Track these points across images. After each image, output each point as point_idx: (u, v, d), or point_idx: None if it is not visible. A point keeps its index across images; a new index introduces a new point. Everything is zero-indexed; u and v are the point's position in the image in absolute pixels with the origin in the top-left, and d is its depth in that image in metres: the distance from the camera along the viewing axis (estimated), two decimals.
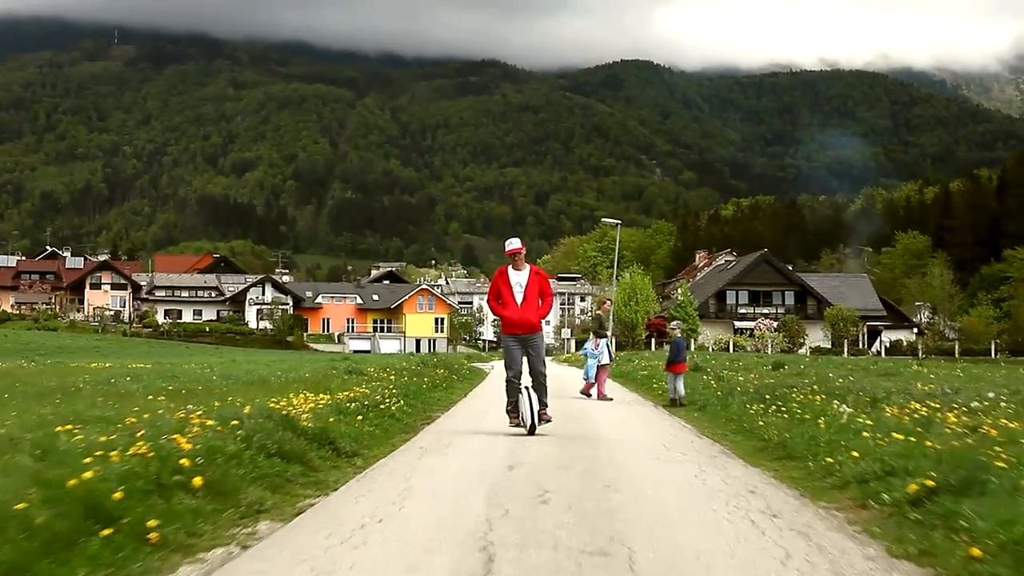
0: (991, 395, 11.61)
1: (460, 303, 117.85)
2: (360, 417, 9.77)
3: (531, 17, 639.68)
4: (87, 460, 5.46)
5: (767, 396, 12.31)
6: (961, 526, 4.66)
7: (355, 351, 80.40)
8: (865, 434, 7.82)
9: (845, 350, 60.42)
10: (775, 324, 63.20)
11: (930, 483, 5.48)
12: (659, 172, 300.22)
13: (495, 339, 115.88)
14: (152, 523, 4.65)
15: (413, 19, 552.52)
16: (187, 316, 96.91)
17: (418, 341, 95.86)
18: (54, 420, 8.75)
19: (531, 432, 9.86)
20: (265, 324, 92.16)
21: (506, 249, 10.71)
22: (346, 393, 12.17)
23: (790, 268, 76.56)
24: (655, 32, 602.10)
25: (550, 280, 11.08)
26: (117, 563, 4.14)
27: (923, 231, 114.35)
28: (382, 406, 11.35)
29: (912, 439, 7.05)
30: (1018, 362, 54.01)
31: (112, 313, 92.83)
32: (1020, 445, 6.53)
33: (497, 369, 30.19)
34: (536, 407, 10.07)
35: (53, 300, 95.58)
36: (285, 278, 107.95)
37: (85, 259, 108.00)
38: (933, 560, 4.42)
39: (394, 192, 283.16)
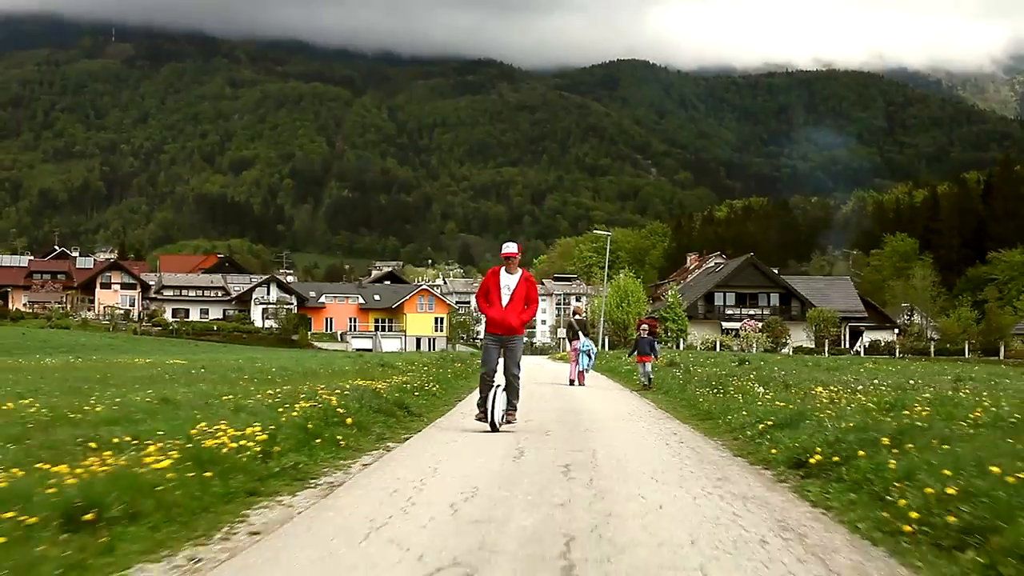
0: (876, 382, 15.81)
1: (457, 303, 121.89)
2: (416, 394, 13.93)
3: (525, 16, 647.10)
4: (289, 407, 9.56)
5: (713, 383, 16.46)
6: (773, 441, 8.77)
7: (358, 349, 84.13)
8: (759, 403, 11.97)
9: (825, 350, 64.64)
10: (760, 325, 67.43)
11: (770, 423, 9.62)
12: (655, 172, 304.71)
13: None
14: (339, 437, 8.77)
15: (409, 18, 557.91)
16: (194, 315, 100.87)
17: (418, 340, 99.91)
18: (207, 395, 12.83)
19: (493, 429, 10.37)
20: (271, 323, 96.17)
21: (502, 251, 11.25)
22: (395, 379, 16.29)
23: (775, 271, 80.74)
24: (649, 31, 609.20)
25: (538, 285, 13.14)
26: (333, 452, 8.24)
27: (911, 233, 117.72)
28: (424, 388, 15.49)
29: (783, 404, 11.18)
30: (989, 361, 58.18)
31: (122, 312, 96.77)
32: (845, 408, 10.62)
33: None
34: (503, 407, 10.64)
35: (65, 299, 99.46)
36: (289, 278, 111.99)
37: (95, 260, 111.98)
38: (753, 455, 8.56)
39: (391, 191, 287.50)
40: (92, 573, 4.23)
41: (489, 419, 10.46)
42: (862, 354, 64.65)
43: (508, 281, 11.12)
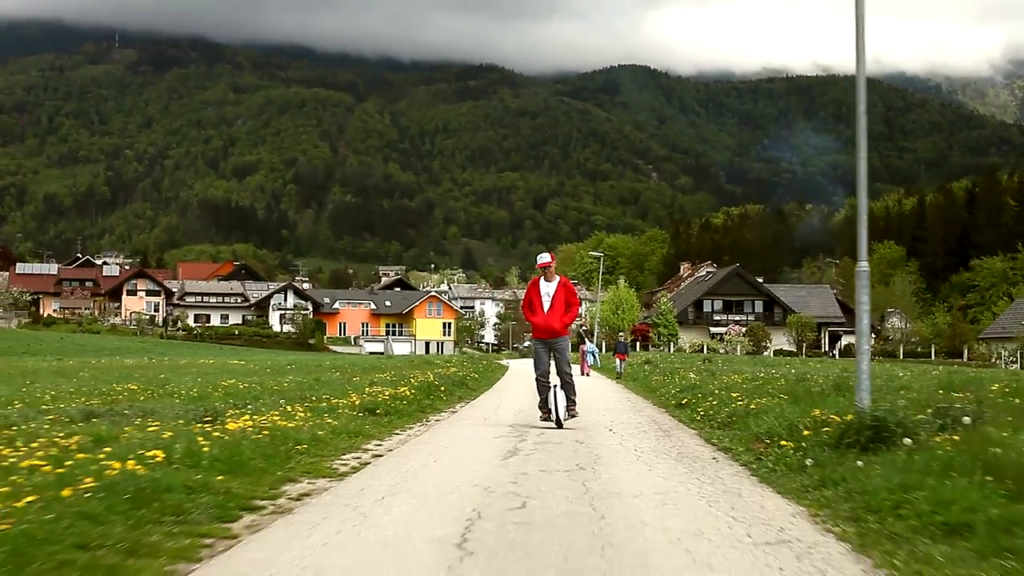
0: (772, 370, 23.69)
1: (462, 307, 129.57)
2: (468, 379, 21.86)
3: (522, 21, 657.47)
4: (408, 382, 17.42)
5: (667, 373, 24.34)
6: (674, 397, 16.60)
7: (370, 352, 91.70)
8: (684, 380, 19.84)
9: (803, 352, 72.50)
10: (743, 329, 75.35)
11: (677, 390, 17.50)
12: (655, 177, 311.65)
13: (496, 342, 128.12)
14: (442, 395, 16.67)
15: (407, 23, 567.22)
16: (215, 320, 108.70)
17: (427, 344, 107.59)
18: (330, 379, 20.68)
19: (559, 426, 11.73)
20: (288, 328, 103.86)
21: (537, 263, 12.45)
22: (448, 371, 24.16)
23: (760, 280, 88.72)
24: (646, 36, 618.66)
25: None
26: (443, 401, 16.14)
27: (900, 241, 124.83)
28: (470, 376, 23.39)
29: (696, 381, 19.04)
30: (949, 363, 65.84)
31: (148, 317, 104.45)
32: (729, 383, 18.44)
33: (513, 365, 42.34)
34: (564, 403, 11.85)
35: (93, 305, 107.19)
36: (305, 285, 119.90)
37: (120, 268, 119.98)
38: (660, 402, 16.44)
39: (393, 196, 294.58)
40: (390, 426, 11.96)
41: (554, 417, 11.86)
42: (837, 356, 72.42)
43: (547, 289, 12.27)
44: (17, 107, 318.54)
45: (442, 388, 17.38)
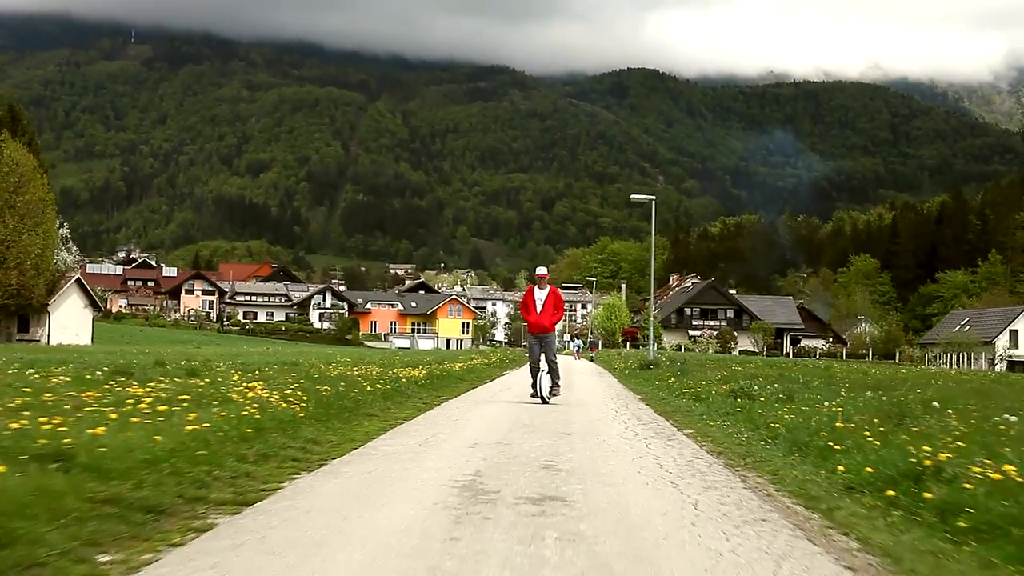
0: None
1: (476, 307, 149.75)
2: (516, 359, 42.70)
3: (526, 22, 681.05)
4: (490, 359, 38.24)
5: (628, 358, 45.05)
6: (620, 370, 37.33)
7: (399, 348, 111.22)
8: (628, 361, 40.61)
9: (764, 353, 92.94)
10: (714, 333, 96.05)
11: (623, 367, 38.31)
12: (662, 180, 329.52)
13: (506, 339, 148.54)
14: (507, 364, 37.51)
15: (412, 23, 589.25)
16: (261, 317, 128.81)
17: (448, 341, 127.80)
18: (437, 357, 41.42)
19: (544, 402, 14.90)
20: (327, 325, 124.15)
21: (536, 273, 16.24)
22: (497, 356, 44.88)
23: (733, 292, 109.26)
24: (648, 39, 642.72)
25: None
26: (507, 367, 36.94)
27: (876, 254, 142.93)
28: (515, 358, 44.12)
29: (632, 362, 39.84)
30: (880, 364, 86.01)
31: (204, 314, 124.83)
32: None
33: None
34: (548, 385, 15.34)
35: (155, 302, 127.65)
36: (341, 287, 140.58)
37: (177, 270, 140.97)
38: (610, 371, 37.30)
39: (404, 195, 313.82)
40: (500, 370, 32.56)
41: (539, 395, 15.29)
42: (791, 356, 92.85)
43: (540, 295, 15.83)
44: (34, 101, 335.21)
45: (506, 361, 38.05)
